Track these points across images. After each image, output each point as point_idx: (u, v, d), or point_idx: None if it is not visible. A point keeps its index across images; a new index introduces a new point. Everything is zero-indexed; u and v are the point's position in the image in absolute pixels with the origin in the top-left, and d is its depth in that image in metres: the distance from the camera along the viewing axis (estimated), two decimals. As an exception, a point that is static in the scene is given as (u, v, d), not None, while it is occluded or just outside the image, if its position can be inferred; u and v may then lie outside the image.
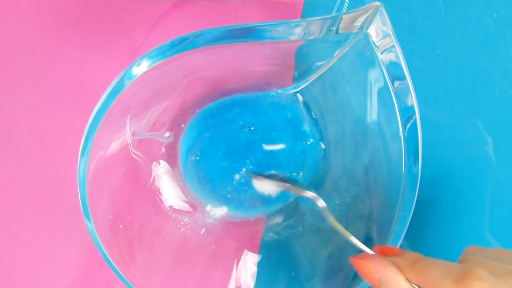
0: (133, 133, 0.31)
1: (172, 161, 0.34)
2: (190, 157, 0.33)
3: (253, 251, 0.34)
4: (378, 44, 0.26)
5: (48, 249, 0.35)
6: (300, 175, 0.34)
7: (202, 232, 0.33)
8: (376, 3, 0.25)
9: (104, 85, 0.26)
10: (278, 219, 0.35)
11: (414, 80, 0.27)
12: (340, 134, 0.33)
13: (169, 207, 0.33)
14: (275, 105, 0.34)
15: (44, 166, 0.34)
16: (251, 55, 0.31)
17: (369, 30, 0.26)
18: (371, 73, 0.28)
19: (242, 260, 0.33)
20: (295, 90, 0.33)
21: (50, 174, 0.34)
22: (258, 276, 0.33)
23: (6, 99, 0.34)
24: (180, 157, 0.34)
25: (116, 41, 0.35)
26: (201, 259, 0.33)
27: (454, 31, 0.35)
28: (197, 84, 0.32)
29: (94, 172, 0.27)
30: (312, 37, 0.26)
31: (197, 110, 0.34)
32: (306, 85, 0.33)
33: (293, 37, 0.26)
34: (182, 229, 0.33)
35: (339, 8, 0.33)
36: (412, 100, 0.26)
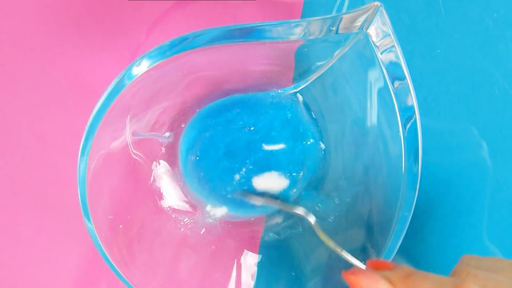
0: (133, 133, 0.31)
1: (172, 161, 0.34)
2: (190, 157, 0.33)
3: (253, 251, 0.34)
4: (378, 44, 0.26)
5: (48, 249, 0.35)
6: (300, 175, 0.34)
7: (202, 232, 0.33)
8: (376, 3, 0.25)
9: (104, 85, 0.26)
10: (278, 219, 0.35)
11: (414, 80, 0.27)
12: (340, 134, 0.33)
13: (169, 207, 0.33)
14: (275, 105, 0.34)
15: (44, 166, 0.34)
16: (251, 55, 0.31)
17: (369, 30, 0.26)
18: (371, 73, 0.28)
19: (242, 260, 0.33)
20: (295, 90, 0.33)
21: (50, 174, 0.34)
22: (258, 276, 0.33)
23: (6, 99, 0.34)
24: (180, 157, 0.34)
25: (116, 41, 0.35)
26: (201, 259, 0.33)
27: (454, 31, 0.35)
28: (197, 84, 0.32)
29: (94, 172, 0.27)
30: (312, 37, 0.26)
31: (197, 110, 0.34)
32: (306, 85, 0.33)
33: (293, 37, 0.26)
34: (182, 229, 0.33)
35: (339, 8, 0.33)
36: (412, 100, 0.26)
